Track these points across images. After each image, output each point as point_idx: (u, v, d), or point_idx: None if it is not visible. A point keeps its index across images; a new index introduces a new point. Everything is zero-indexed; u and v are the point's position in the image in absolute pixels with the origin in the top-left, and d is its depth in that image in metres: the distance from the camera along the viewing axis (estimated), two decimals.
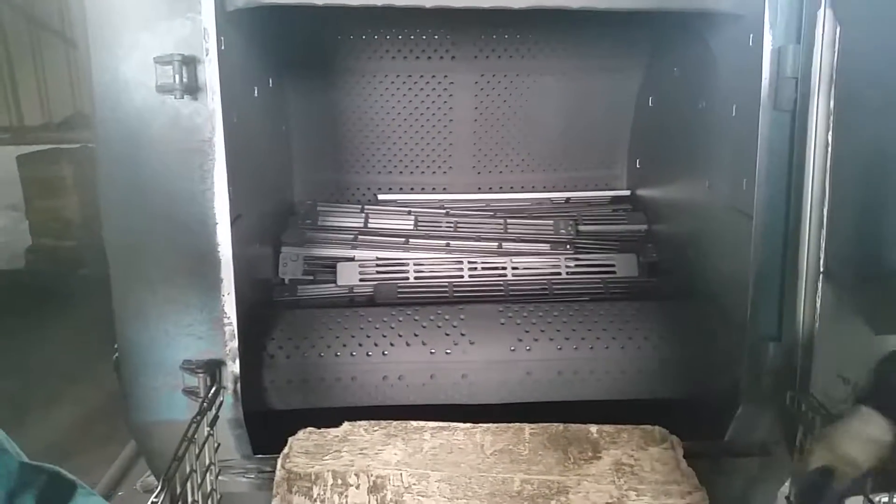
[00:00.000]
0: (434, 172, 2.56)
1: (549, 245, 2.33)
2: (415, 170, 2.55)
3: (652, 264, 2.31)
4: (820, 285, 1.57)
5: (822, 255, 1.56)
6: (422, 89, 2.46)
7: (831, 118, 1.52)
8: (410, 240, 2.30)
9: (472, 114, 2.50)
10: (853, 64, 1.50)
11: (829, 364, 1.60)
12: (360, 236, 2.31)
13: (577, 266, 2.28)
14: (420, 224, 2.37)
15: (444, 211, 2.42)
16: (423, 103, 2.48)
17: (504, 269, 2.26)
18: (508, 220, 2.39)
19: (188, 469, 1.36)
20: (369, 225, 2.35)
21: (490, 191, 2.56)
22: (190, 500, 1.32)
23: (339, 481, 1.52)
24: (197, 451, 1.39)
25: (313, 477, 1.53)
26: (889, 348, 1.43)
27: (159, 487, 1.21)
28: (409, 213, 2.41)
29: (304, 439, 1.65)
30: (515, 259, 2.28)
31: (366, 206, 2.43)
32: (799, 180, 1.57)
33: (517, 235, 2.35)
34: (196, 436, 1.39)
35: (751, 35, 1.60)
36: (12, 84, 5.71)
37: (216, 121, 1.51)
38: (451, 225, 2.37)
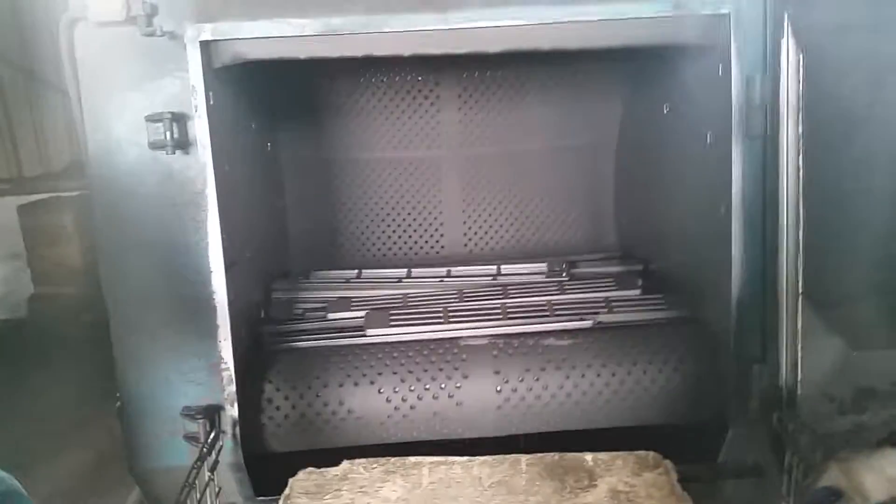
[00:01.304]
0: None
1: (544, 274, 2.36)
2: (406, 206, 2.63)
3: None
4: (800, 306, 1.61)
5: (800, 277, 1.60)
6: (407, 126, 2.54)
7: (801, 144, 1.57)
8: (403, 280, 2.33)
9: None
10: (818, 90, 1.56)
11: (814, 383, 1.64)
12: (351, 280, 2.34)
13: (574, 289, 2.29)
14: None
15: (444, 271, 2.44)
16: (410, 141, 2.54)
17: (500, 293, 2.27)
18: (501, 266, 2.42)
19: None
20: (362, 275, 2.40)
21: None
22: None
23: None
24: (198, 496, 1.41)
25: None
26: (869, 369, 1.48)
27: None
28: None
29: (304, 480, 1.67)
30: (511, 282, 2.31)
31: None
32: (774, 205, 1.62)
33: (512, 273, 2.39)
34: (197, 481, 1.42)
35: (720, 65, 1.66)
36: (11, 136, 5.80)
37: (208, 173, 1.57)
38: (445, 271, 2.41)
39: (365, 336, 1.98)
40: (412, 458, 1.71)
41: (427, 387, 1.84)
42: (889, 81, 1.54)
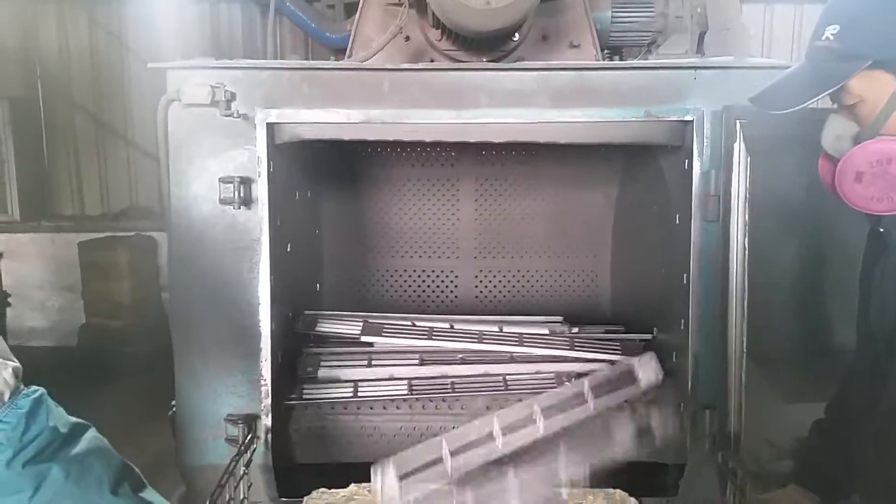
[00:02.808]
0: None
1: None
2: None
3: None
4: (744, 363, 1.92)
5: (744, 338, 1.92)
6: (428, 196, 2.93)
7: (747, 228, 1.91)
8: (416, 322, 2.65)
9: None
10: (763, 185, 1.90)
11: (757, 429, 1.93)
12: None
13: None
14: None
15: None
16: (431, 210, 2.94)
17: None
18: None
19: (228, 497, 1.72)
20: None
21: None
22: None
23: None
24: (235, 483, 1.75)
25: None
26: (801, 419, 1.77)
27: (209, 502, 1.58)
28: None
29: (316, 498, 1.96)
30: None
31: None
32: (725, 277, 1.95)
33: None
34: (235, 471, 1.75)
35: (686, 161, 2.02)
36: (78, 179, 6.33)
37: (264, 225, 1.97)
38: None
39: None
40: None
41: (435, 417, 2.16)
42: (818, 185, 1.87)
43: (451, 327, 2.49)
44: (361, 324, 2.43)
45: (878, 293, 1.42)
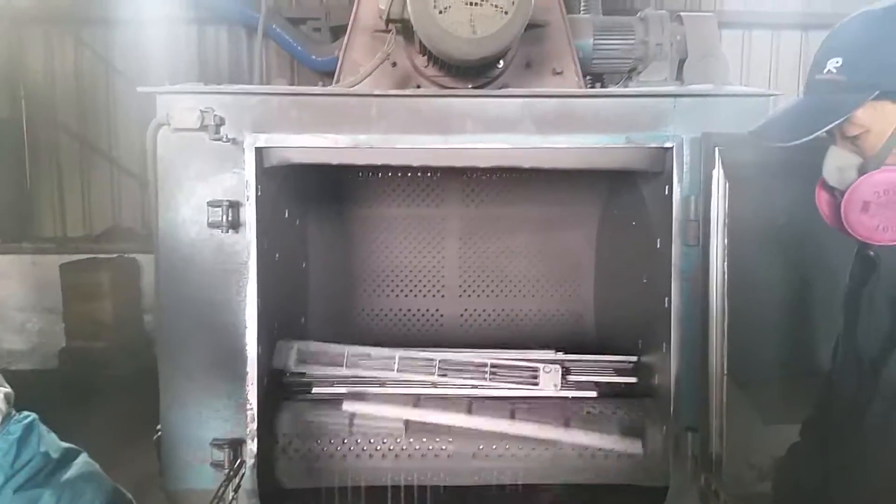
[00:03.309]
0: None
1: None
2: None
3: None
4: (725, 384, 1.95)
5: (724, 360, 1.95)
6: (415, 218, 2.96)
7: (726, 252, 1.96)
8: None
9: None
10: (741, 210, 1.95)
11: (738, 451, 1.96)
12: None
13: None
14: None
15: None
16: (418, 232, 2.97)
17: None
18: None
19: None
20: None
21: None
22: None
23: None
24: None
25: None
26: (782, 441, 1.79)
27: None
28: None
29: None
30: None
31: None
32: (705, 300, 1.98)
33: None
34: (224, 496, 1.75)
35: (666, 186, 2.06)
36: (60, 200, 6.31)
37: (251, 248, 1.98)
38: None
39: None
40: None
41: (420, 443, 2.17)
42: (796, 210, 1.92)
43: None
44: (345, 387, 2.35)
45: (866, 315, 1.45)
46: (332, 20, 5.95)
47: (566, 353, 2.52)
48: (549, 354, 2.50)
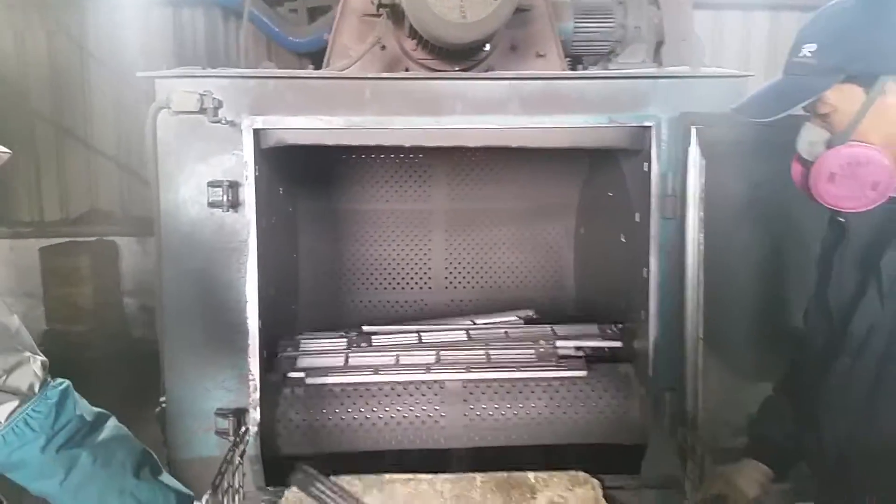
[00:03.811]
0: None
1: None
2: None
3: None
4: (700, 348, 2.09)
5: (700, 326, 2.09)
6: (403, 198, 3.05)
7: (701, 224, 2.08)
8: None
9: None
10: (715, 185, 2.08)
11: (713, 409, 2.10)
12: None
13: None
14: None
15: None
16: (404, 213, 3.07)
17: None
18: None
19: (226, 485, 1.81)
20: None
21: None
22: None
23: None
24: (232, 474, 1.84)
25: None
26: (754, 399, 1.93)
27: (210, 490, 1.67)
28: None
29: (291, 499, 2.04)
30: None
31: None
32: (681, 270, 2.11)
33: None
34: (231, 460, 1.85)
35: (645, 163, 2.18)
36: (37, 183, 6.26)
37: (251, 227, 2.06)
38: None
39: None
40: (387, 476, 2.09)
41: (412, 407, 2.28)
42: (766, 185, 2.05)
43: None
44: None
45: (836, 276, 1.59)
46: (310, 1, 5.94)
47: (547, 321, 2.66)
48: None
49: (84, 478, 1.23)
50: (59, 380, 1.28)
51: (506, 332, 2.54)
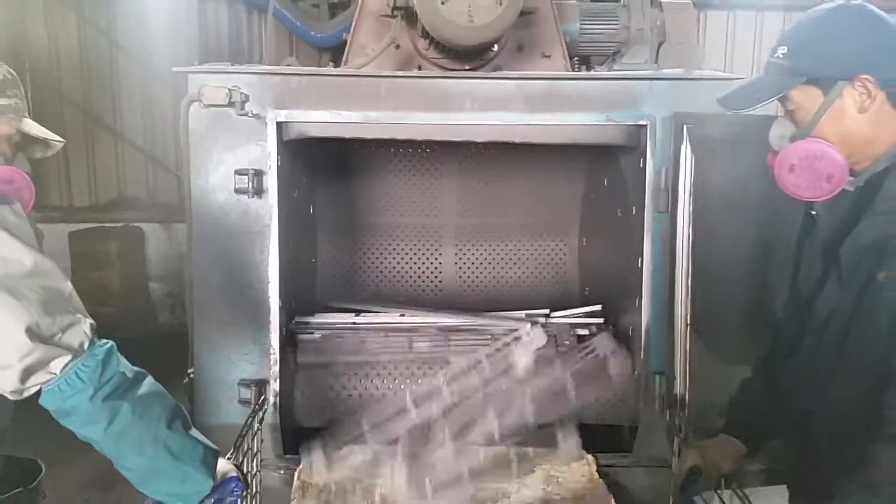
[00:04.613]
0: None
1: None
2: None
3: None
4: (688, 334, 2.23)
5: (688, 313, 2.23)
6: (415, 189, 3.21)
7: (691, 218, 2.22)
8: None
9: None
10: (706, 181, 2.22)
11: (700, 391, 2.24)
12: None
13: None
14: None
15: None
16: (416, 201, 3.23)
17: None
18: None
19: (246, 447, 1.99)
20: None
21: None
22: (245, 468, 1.92)
23: (342, 490, 2.10)
24: (252, 438, 2.01)
25: (322, 486, 2.11)
26: (739, 382, 2.07)
27: (233, 449, 1.84)
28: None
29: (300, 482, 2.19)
30: None
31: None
32: (672, 260, 2.26)
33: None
34: (252, 425, 2.02)
35: (641, 159, 2.32)
36: (67, 171, 6.48)
37: (273, 212, 2.24)
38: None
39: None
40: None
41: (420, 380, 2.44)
42: (754, 180, 2.18)
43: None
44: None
45: (805, 263, 1.74)
46: None
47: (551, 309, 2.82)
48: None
49: (124, 426, 1.40)
50: (104, 340, 1.46)
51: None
